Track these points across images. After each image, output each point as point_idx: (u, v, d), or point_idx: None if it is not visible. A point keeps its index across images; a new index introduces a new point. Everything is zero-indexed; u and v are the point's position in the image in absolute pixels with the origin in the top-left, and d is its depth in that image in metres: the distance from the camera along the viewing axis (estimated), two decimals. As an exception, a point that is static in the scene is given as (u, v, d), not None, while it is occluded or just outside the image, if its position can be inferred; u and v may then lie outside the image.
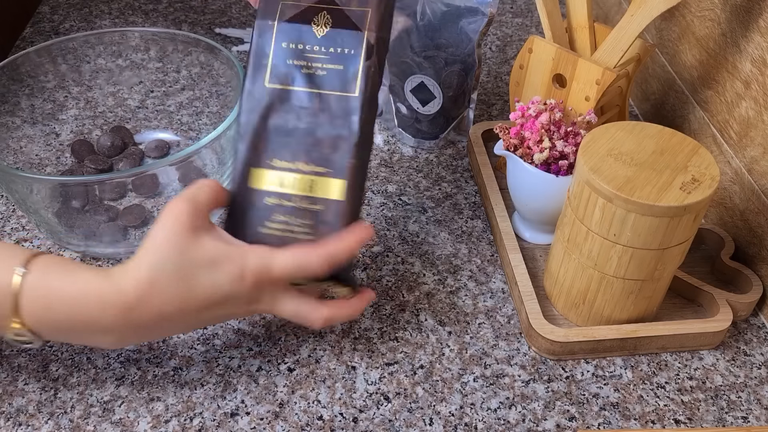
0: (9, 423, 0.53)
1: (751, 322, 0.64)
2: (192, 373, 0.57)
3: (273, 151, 0.53)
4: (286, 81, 0.53)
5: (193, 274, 0.48)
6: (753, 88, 0.65)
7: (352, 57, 0.53)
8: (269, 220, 0.52)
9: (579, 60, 0.65)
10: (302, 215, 0.52)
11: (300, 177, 0.52)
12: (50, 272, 0.48)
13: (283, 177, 0.52)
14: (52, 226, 0.64)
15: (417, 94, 0.76)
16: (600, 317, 0.60)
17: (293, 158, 0.53)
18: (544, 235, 0.69)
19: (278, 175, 0.52)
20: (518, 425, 0.55)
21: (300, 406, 0.55)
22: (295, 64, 0.53)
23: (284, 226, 0.52)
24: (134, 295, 0.47)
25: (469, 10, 0.71)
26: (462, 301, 0.64)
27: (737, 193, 0.67)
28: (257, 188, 0.53)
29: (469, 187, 0.76)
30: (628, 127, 0.57)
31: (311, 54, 0.53)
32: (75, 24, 0.99)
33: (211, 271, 0.49)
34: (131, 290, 0.47)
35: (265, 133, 0.53)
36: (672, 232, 0.53)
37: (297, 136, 0.53)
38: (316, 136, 0.53)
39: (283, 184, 0.52)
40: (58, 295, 0.47)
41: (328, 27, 0.53)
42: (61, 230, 0.64)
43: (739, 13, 0.67)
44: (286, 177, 0.52)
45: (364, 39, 0.53)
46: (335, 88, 0.53)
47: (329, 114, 0.53)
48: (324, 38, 0.53)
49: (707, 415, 0.56)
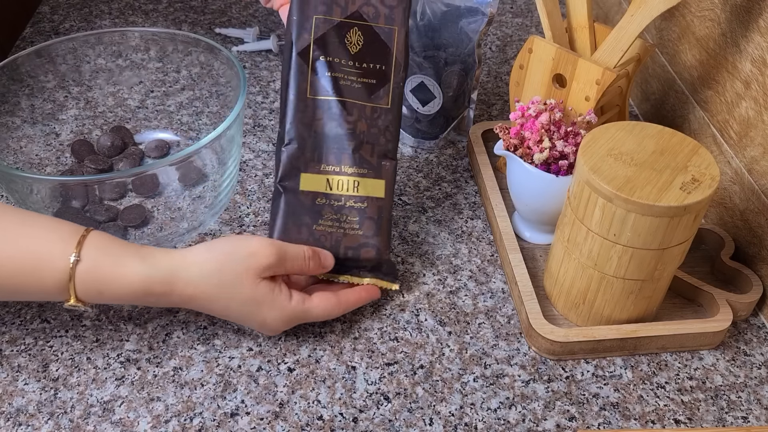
0: (9, 423, 0.53)
1: (751, 322, 0.64)
2: (192, 373, 0.57)
3: (320, 156, 0.59)
4: (327, 92, 0.59)
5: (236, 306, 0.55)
6: (753, 88, 0.65)
7: (383, 72, 0.60)
8: (321, 218, 0.58)
9: (579, 60, 0.65)
10: (349, 212, 0.59)
11: (346, 179, 0.59)
12: (100, 261, 0.52)
13: (330, 179, 0.59)
14: None
15: (417, 94, 0.76)
16: (600, 317, 0.60)
17: (338, 162, 0.59)
18: (544, 235, 0.69)
19: (326, 178, 0.59)
20: (518, 425, 0.55)
21: (300, 406, 0.55)
22: (333, 76, 0.59)
23: (334, 223, 0.59)
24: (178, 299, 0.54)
25: (469, 10, 0.71)
26: (462, 301, 0.64)
27: (737, 193, 0.67)
28: (308, 191, 0.59)
29: (469, 187, 0.76)
30: (628, 127, 0.57)
31: (346, 68, 0.60)
32: (75, 24, 0.99)
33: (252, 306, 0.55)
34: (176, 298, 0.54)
35: (311, 141, 0.59)
36: (672, 232, 0.53)
37: (340, 142, 0.59)
38: (357, 141, 0.59)
39: (331, 186, 0.59)
40: (109, 285, 0.52)
41: (360, 44, 0.60)
42: None
43: (739, 13, 0.67)
44: (333, 179, 0.59)
45: (393, 57, 0.60)
46: (370, 100, 0.60)
47: (366, 122, 0.60)
48: (357, 54, 0.60)
49: (707, 415, 0.56)
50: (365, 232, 0.59)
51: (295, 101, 0.59)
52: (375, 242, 0.60)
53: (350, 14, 0.59)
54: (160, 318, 0.61)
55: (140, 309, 0.61)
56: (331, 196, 0.59)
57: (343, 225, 0.59)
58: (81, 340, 0.59)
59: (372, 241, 0.60)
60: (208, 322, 0.61)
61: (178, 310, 0.61)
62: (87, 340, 0.59)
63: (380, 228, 0.60)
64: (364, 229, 0.59)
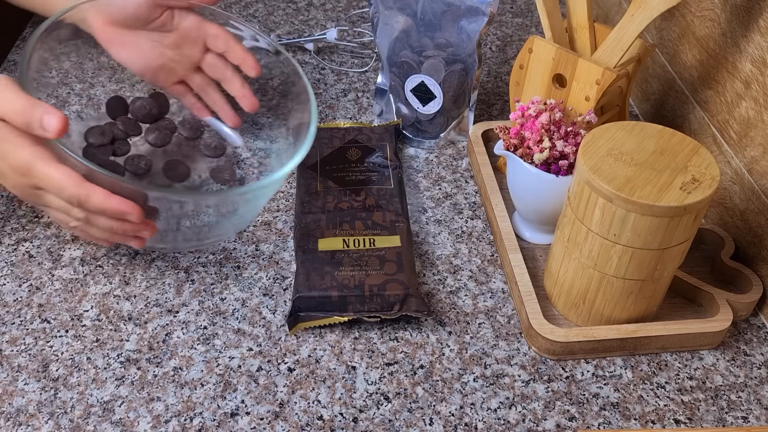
0: (9, 423, 0.53)
1: (751, 322, 0.64)
2: (192, 373, 0.57)
3: (335, 225, 0.66)
4: (336, 183, 0.71)
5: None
6: (753, 88, 0.65)
7: (382, 169, 0.73)
8: (342, 266, 0.62)
9: (579, 60, 0.65)
10: (369, 259, 0.63)
11: (362, 238, 0.65)
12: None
13: (347, 239, 0.64)
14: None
15: (417, 93, 0.76)
16: (600, 317, 0.60)
17: (352, 227, 0.66)
18: (544, 235, 0.69)
19: (343, 239, 0.64)
20: (518, 425, 0.55)
21: (300, 406, 0.55)
22: (339, 176, 0.71)
23: (355, 268, 0.62)
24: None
25: (469, 10, 0.71)
26: (462, 301, 0.64)
27: (737, 193, 0.67)
28: (326, 249, 0.64)
29: (469, 187, 0.76)
30: (628, 127, 0.57)
31: (350, 170, 0.72)
32: (75, 24, 0.98)
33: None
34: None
35: (324, 216, 0.67)
36: (672, 232, 0.53)
37: (353, 215, 0.67)
38: (371, 213, 0.67)
39: (348, 245, 0.64)
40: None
41: (359, 155, 0.74)
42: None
43: (739, 13, 0.67)
44: (349, 239, 0.64)
45: (389, 162, 0.73)
46: (375, 183, 0.71)
47: (375, 198, 0.69)
48: (357, 161, 0.73)
49: (707, 415, 0.56)
50: (387, 271, 0.62)
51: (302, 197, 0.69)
52: (400, 278, 0.61)
53: (348, 141, 0.76)
54: (160, 318, 0.61)
55: (140, 309, 0.61)
56: (349, 251, 0.63)
57: (365, 268, 0.62)
58: (81, 340, 0.59)
59: (396, 277, 0.61)
60: (208, 322, 0.61)
61: (178, 310, 0.62)
62: (87, 340, 0.59)
63: (402, 266, 0.62)
64: (386, 269, 0.62)
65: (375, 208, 0.68)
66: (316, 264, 0.62)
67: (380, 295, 0.60)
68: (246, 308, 0.62)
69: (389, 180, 0.71)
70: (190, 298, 0.63)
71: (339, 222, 0.66)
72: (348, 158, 0.73)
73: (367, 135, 0.77)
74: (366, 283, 0.60)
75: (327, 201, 0.68)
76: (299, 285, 0.61)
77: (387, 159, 0.74)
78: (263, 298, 0.63)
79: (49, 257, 0.65)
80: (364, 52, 0.95)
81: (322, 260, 0.62)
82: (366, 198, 0.69)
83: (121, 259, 0.66)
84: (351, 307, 0.60)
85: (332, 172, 0.72)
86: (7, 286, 0.63)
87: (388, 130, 0.77)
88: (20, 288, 0.63)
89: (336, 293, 0.60)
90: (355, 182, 0.71)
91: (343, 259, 0.62)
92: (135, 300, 0.62)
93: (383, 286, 0.60)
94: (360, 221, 0.66)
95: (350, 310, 0.60)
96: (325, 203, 0.68)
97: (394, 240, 0.64)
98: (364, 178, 0.71)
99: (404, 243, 0.64)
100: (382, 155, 0.74)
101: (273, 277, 0.65)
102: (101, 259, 0.66)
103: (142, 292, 0.63)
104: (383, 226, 0.66)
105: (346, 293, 0.60)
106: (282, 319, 0.61)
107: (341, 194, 0.69)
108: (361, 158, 0.73)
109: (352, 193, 0.69)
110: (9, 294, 0.62)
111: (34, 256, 0.65)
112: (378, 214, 0.67)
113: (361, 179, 0.71)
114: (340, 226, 0.66)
